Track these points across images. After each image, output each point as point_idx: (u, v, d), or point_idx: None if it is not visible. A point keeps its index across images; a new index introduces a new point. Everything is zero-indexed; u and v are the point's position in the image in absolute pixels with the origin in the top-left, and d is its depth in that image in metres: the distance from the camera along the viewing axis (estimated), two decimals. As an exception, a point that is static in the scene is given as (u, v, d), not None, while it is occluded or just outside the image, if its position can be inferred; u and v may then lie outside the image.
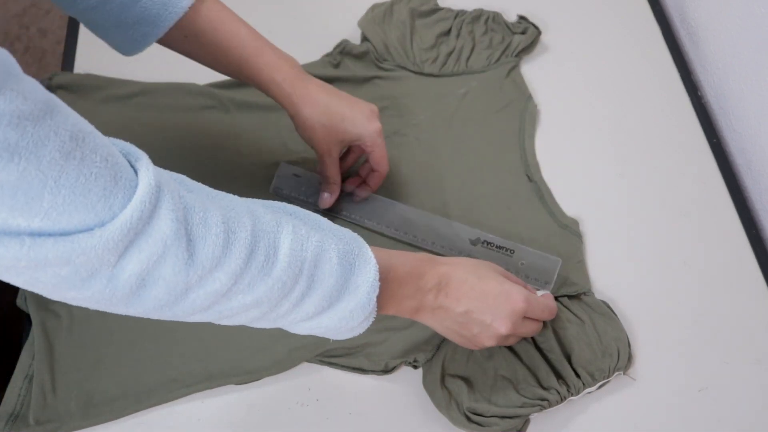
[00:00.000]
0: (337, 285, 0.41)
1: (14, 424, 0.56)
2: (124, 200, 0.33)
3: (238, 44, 0.56)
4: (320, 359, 0.59)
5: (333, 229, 0.44)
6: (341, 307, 0.42)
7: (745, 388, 0.58)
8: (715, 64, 0.77)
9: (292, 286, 0.40)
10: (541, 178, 0.69)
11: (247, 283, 0.38)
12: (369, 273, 0.43)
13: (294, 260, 0.39)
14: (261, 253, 0.38)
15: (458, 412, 0.55)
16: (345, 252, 0.42)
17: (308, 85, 0.58)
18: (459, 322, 0.50)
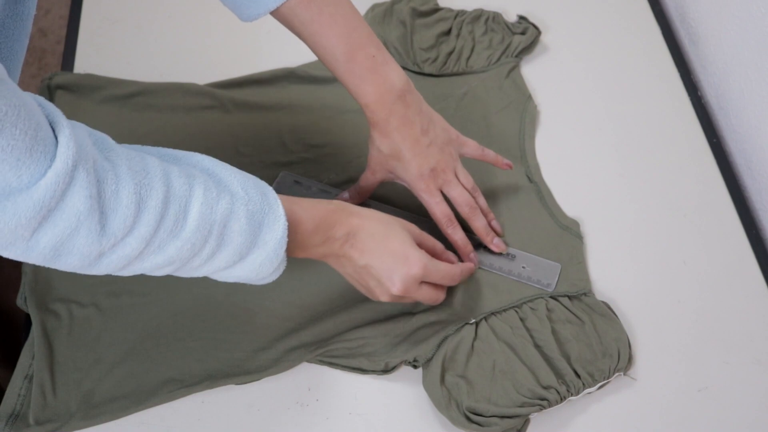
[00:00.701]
0: (245, 243, 0.45)
1: (14, 425, 0.56)
2: (36, 173, 0.35)
3: (331, 59, 0.57)
4: (320, 359, 0.59)
5: (246, 185, 0.46)
6: (250, 260, 0.46)
7: (745, 388, 0.58)
8: (715, 63, 0.77)
9: (201, 245, 0.43)
10: (541, 179, 0.69)
11: (157, 245, 0.41)
12: (277, 230, 0.46)
13: (203, 223, 0.42)
14: (171, 217, 0.41)
15: (458, 412, 0.55)
16: (254, 211, 0.45)
17: (390, 117, 0.58)
18: (358, 273, 0.54)
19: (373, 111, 0.58)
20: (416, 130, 0.59)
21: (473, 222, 0.62)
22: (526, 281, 0.62)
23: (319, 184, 0.68)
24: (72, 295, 0.62)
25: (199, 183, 0.43)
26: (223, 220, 0.43)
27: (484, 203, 0.64)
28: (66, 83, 0.74)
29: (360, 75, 0.57)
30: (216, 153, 0.70)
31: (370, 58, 0.57)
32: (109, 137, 0.42)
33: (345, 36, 0.56)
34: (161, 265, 0.43)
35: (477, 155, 0.64)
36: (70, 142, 0.37)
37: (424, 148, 0.59)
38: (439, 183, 0.61)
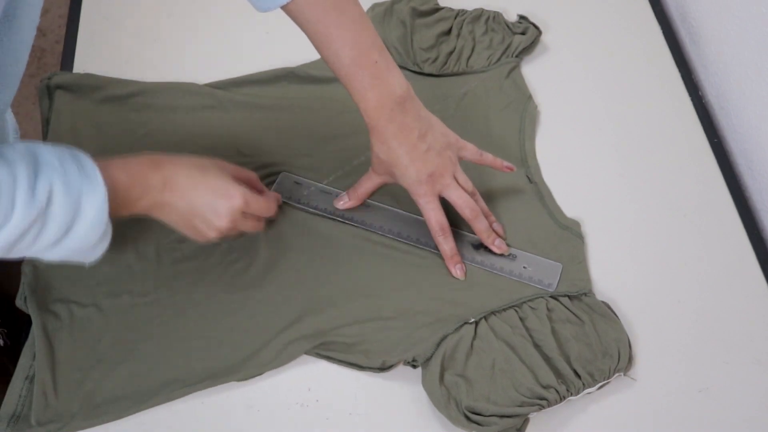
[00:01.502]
0: (68, 215, 0.46)
1: (16, 425, 0.56)
2: None
3: (335, 62, 0.58)
4: (317, 351, 0.59)
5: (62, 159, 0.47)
6: (76, 231, 0.47)
7: (745, 388, 0.58)
8: (716, 63, 0.77)
9: (27, 230, 0.45)
10: (541, 179, 0.69)
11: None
12: (97, 197, 0.47)
13: (27, 211, 0.44)
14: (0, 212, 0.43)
15: (457, 411, 0.55)
16: (71, 182, 0.46)
17: (389, 124, 0.59)
18: (183, 216, 0.55)
19: (371, 117, 0.58)
20: (414, 135, 0.59)
21: (475, 224, 0.62)
22: (527, 281, 0.62)
23: (319, 184, 0.68)
24: (72, 295, 0.62)
25: (20, 170, 0.44)
26: (46, 200, 0.44)
27: (484, 206, 0.64)
28: (65, 83, 0.74)
29: (362, 80, 0.57)
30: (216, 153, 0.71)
31: (373, 63, 0.57)
32: None
33: (350, 40, 0.56)
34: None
35: (475, 159, 0.64)
36: None
37: (422, 153, 0.60)
38: (437, 188, 0.61)
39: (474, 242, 0.64)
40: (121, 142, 0.71)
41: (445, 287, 0.62)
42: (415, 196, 0.62)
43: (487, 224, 0.63)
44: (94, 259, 0.51)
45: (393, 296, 0.62)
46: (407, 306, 0.61)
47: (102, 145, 0.71)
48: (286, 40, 0.80)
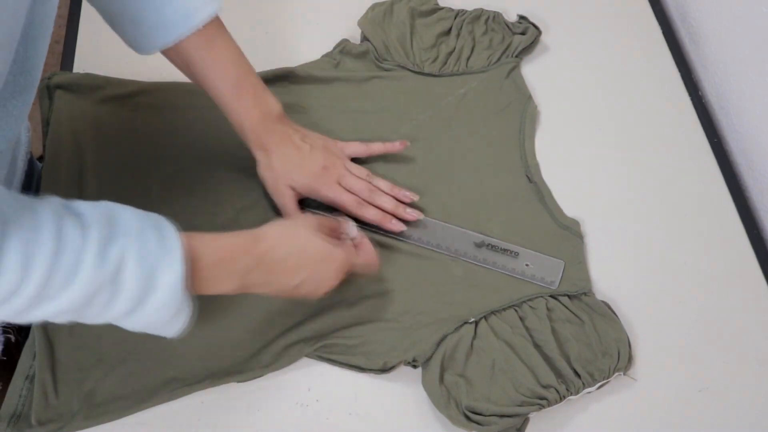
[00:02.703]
0: (139, 287, 0.44)
1: (16, 425, 0.56)
2: None
3: (219, 86, 0.61)
4: (319, 354, 0.59)
5: (143, 228, 0.46)
6: (148, 307, 0.45)
7: (745, 388, 0.58)
8: (716, 63, 0.77)
9: (94, 296, 0.43)
10: (541, 179, 0.69)
11: (46, 298, 0.41)
12: (172, 274, 0.45)
13: (95, 275, 0.42)
14: (60, 274, 0.41)
15: (457, 411, 0.55)
16: (146, 255, 0.44)
17: (272, 135, 0.63)
18: (291, 291, 0.55)
19: (258, 132, 0.63)
20: (296, 139, 0.64)
21: (376, 202, 0.65)
22: (529, 279, 0.62)
23: None
24: (72, 295, 0.62)
25: (92, 232, 0.43)
26: (116, 267, 0.43)
27: (385, 184, 0.66)
28: (65, 83, 0.74)
29: (245, 101, 0.62)
30: (216, 153, 0.71)
31: (253, 85, 0.63)
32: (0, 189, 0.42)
33: (233, 65, 0.61)
34: (55, 314, 0.43)
35: (363, 151, 0.68)
36: None
37: (308, 152, 0.64)
38: (334, 178, 0.64)
39: (476, 240, 0.64)
40: (121, 142, 0.71)
41: (445, 287, 0.62)
42: (318, 191, 0.64)
43: (389, 199, 0.65)
44: (174, 334, 0.49)
45: (393, 297, 0.62)
46: (407, 307, 0.61)
47: (102, 145, 0.71)
48: (286, 40, 0.80)
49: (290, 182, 0.64)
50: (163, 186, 0.68)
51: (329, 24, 0.80)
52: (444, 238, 0.65)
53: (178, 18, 0.57)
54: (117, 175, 0.68)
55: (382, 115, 0.73)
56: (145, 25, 0.58)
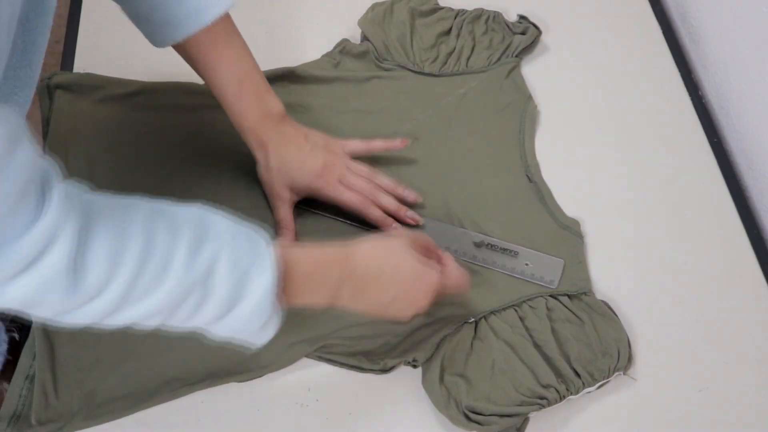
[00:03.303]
0: (229, 293, 0.43)
1: (16, 425, 0.56)
2: (18, 233, 0.35)
3: (222, 84, 0.61)
4: (319, 355, 0.59)
5: (236, 234, 0.45)
6: (238, 313, 0.44)
7: (745, 388, 0.58)
8: (716, 63, 0.77)
9: (183, 298, 0.42)
10: (541, 179, 0.69)
11: (135, 298, 0.41)
12: (263, 281, 0.44)
13: (185, 275, 0.41)
14: (149, 272, 0.40)
15: (457, 411, 0.55)
16: (238, 259, 0.44)
17: (272, 135, 0.63)
18: (381, 309, 0.53)
19: (258, 131, 0.62)
20: (299, 138, 0.64)
21: (379, 201, 0.64)
22: (529, 279, 0.62)
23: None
24: (72, 295, 0.62)
25: (183, 234, 0.42)
26: (207, 269, 0.42)
27: (388, 182, 0.65)
28: (65, 83, 0.74)
29: (247, 100, 0.61)
30: (216, 153, 0.71)
31: (255, 84, 0.62)
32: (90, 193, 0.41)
33: (236, 63, 0.61)
34: (142, 317, 0.42)
35: (364, 149, 0.67)
36: (59, 200, 0.37)
37: (309, 150, 0.63)
38: (336, 177, 0.63)
39: (475, 240, 0.64)
40: (122, 142, 0.71)
41: None
42: (321, 191, 0.63)
43: (391, 199, 0.64)
44: (262, 343, 0.49)
45: None
46: None
47: (102, 145, 0.71)
48: (286, 40, 0.80)
49: (289, 183, 0.63)
50: (162, 186, 0.68)
51: (329, 24, 0.80)
52: (443, 237, 0.64)
53: (187, 15, 0.57)
54: (117, 174, 0.68)
55: (382, 115, 0.73)
56: (155, 23, 0.59)
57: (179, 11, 0.57)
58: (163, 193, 0.67)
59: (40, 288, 0.37)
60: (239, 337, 0.48)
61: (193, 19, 0.57)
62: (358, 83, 0.75)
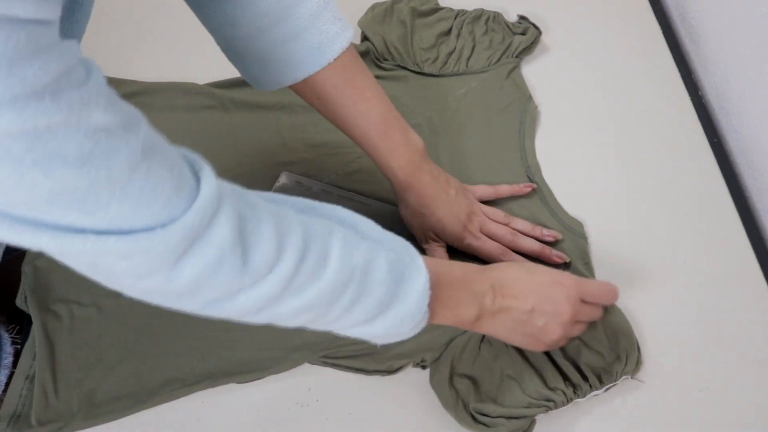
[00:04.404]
0: (387, 293, 0.42)
1: (16, 425, 0.56)
2: (185, 206, 0.35)
3: (365, 124, 0.57)
4: (324, 360, 0.59)
5: (384, 237, 0.45)
6: (391, 315, 0.43)
7: (745, 388, 0.58)
8: (716, 63, 0.77)
9: (341, 291, 0.41)
10: (542, 179, 0.69)
11: (297, 286, 0.39)
12: (419, 281, 0.43)
13: (344, 266, 0.40)
14: (312, 257, 0.39)
15: (465, 413, 0.55)
16: (395, 261, 0.43)
17: (422, 176, 0.59)
18: (522, 320, 0.50)
19: (407, 172, 0.58)
20: (442, 181, 0.61)
21: (522, 247, 0.62)
22: None
23: (320, 184, 0.68)
24: (72, 295, 0.62)
25: (337, 229, 0.42)
26: (365, 266, 0.41)
27: (523, 224, 0.64)
28: (66, 83, 0.74)
29: (394, 139, 0.57)
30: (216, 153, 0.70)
31: (397, 120, 0.58)
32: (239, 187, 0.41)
33: (378, 100, 0.57)
34: (298, 311, 0.41)
35: (491, 194, 0.65)
36: (213, 177, 0.37)
37: (453, 197, 0.61)
38: (477, 225, 0.62)
39: None
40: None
41: None
42: (464, 240, 0.61)
43: (533, 241, 0.62)
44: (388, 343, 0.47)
45: None
46: None
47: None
48: (286, 40, 0.80)
49: (440, 230, 0.61)
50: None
51: (329, 24, 0.80)
52: None
53: (310, 52, 0.53)
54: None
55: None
56: (271, 62, 0.54)
57: (301, 48, 0.52)
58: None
59: (212, 263, 0.36)
60: (377, 340, 0.46)
61: (317, 56, 0.53)
62: (358, 83, 0.75)
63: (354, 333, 0.45)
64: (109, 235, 0.33)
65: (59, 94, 0.30)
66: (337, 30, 0.53)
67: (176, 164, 0.35)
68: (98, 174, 0.31)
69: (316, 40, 0.52)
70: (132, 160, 0.32)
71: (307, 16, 0.52)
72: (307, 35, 0.52)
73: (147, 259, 0.34)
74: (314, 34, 0.52)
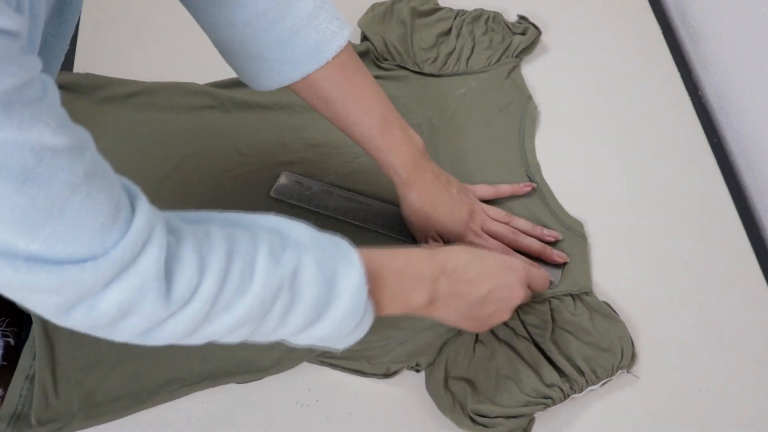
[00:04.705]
0: (319, 295, 0.42)
1: (16, 425, 0.56)
2: (117, 238, 0.35)
3: (366, 122, 0.56)
4: (321, 360, 0.59)
5: (315, 238, 0.44)
6: (330, 315, 0.43)
7: (745, 388, 0.58)
8: (716, 63, 0.77)
9: (272, 302, 0.40)
10: (542, 179, 0.69)
11: (224, 304, 0.39)
12: (353, 277, 0.43)
13: (271, 277, 0.40)
14: (236, 274, 0.39)
15: (463, 415, 0.55)
16: (324, 260, 0.42)
17: (424, 173, 0.59)
18: (472, 305, 0.50)
19: (409, 170, 0.58)
20: (443, 180, 0.61)
21: (523, 246, 0.62)
22: None
23: (320, 183, 0.68)
24: (72, 295, 0.62)
25: (263, 239, 0.41)
26: (292, 272, 0.41)
27: (524, 223, 0.64)
28: (66, 83, 0.74)
29: (395, 136, 0.57)
30: (216, 153, 0.71)
31: (397, 119, 0.58)
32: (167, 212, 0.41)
33: (377, 98, 0.57)
34: (233, 327, 0.41)
35: (491, 194, 0.65)
36: (147, 208, 0.37)
37: (455, 195, 0.61)
38: (478, 224, 0.62)
39: None
40: (122, 142, 0.71)
41: None
42: (465, 239, 0.61)
43: (533, 240, 0.62)
44: (347, 346, 0.47)
45: None
46: None
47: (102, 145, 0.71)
48: (286, 40, 0.80)
49: (442, 229, 0.61)
50: (162, 186, 0.68)
51: (329, 24, 0.80)
52: None
53: (308, 50, 0.52)
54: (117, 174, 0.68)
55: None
56: (268, 61, 0.53)
57: (299, 47, 0.52)
58: (164, 193, 0.68)
59: (136, 292, 0.36)
60: (329, 344, 0.45)
61: (314, 54, 0.52)
62: (358, 83, 0.75)
63: (301, 340, 0.45)
64: (40, 264, 0.33)
65: (11, 107, 0.29)
66: (335, 29, 0.53)
67: (115, 192, 0.35)
68: (38, 192, 0.31)
69: (314, 39, 0.52)
70: (73, 182, 0.32)
71: (305, 15, 0.52)
72: (305, 34, 0.52)
73: (75, 292, 0.34)
74: (311, 32, 0.52)
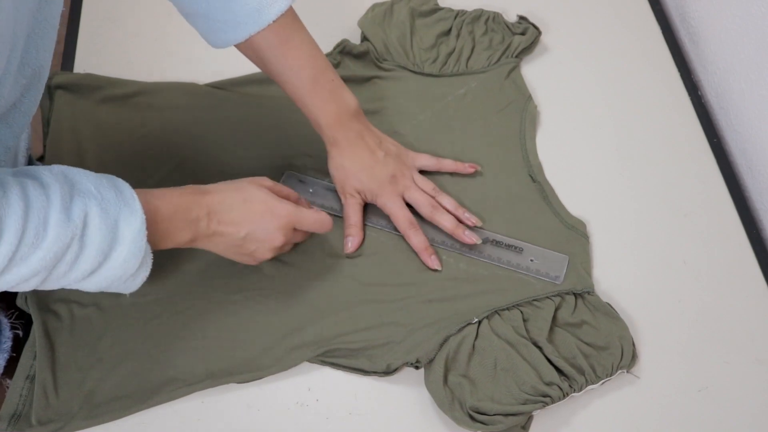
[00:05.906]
0: (105, 240, 0.45)
1: (16, 425, 0.56)
2: None
3: (296, 82, 0.61)
4: (321, 359, 0.59)
5: (100, 184, 0.47)
6: (114, 258, 0.46)
7: (745, 388, 0.58)
8: (716, 63, 0.77)
9: (63, 252, 0.44)
10: (544, 179, 0.69)
11: (19, 258, 0.42)
12: (135, 222, 0.46)
13: (62, 231, 0.43)
14: (31, 232, 0.42)
15: (462, 412, 0.55)
16: (108, 208, 0.46)
17: (347, 132, 0.63)
18: (233, 245, 0.55)
19: (333, 129, 0.62)
20: (371, 142, 0.64)
21: (437, 220, 0.64)
22: (534, 275, 0.62)
23: (323, 182, 0.68)
24: (73, 295, 0.62)
25: (54, 190, 0.44)
26: (82, 223, 0.44)
27: (449, 202, 0.65)
28: (66, 83, 0.74)
29: (321, 96, 0.61)
30: (217, 152, 0.71)
31: (330, 81, 0.62)
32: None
33: (310, 60, 0.61)
34: (26, 277, 0.44)
35: (433, 165, 0.68)
36: None
37: (382, 157, 0.64)
38: (400, 189, 0.64)
39: (480, 236, 0.64)
40: (121, 142, 0.71)
41: (448, 288, 0.62)
42: (381, 198, 0.64)
43: (450, 218, 0.64)
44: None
45: (395, 298, 0.62)
46: (410, 308, 0.61)
47: (102, 145, 0.71)
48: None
49: (358, 185, 0.64)
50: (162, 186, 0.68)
51: (329, 24, 0.80)
52: (446, 234, 0.65)
53: (249, 13, 0.56)
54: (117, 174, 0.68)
55: (382, 115, 0.73)
56: (215, 21, 0.58)
57: (241, 9, 0.56)
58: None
59: None
60: (113, 288, 0.49)
61: (255, 17, 0.56)
62: (358, 83, 0.75)
63: (90, 285, 0.48)
64: None
65: None
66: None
67: None
68: None
69: (256, 2, 0.56)
70: None
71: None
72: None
73: None
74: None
